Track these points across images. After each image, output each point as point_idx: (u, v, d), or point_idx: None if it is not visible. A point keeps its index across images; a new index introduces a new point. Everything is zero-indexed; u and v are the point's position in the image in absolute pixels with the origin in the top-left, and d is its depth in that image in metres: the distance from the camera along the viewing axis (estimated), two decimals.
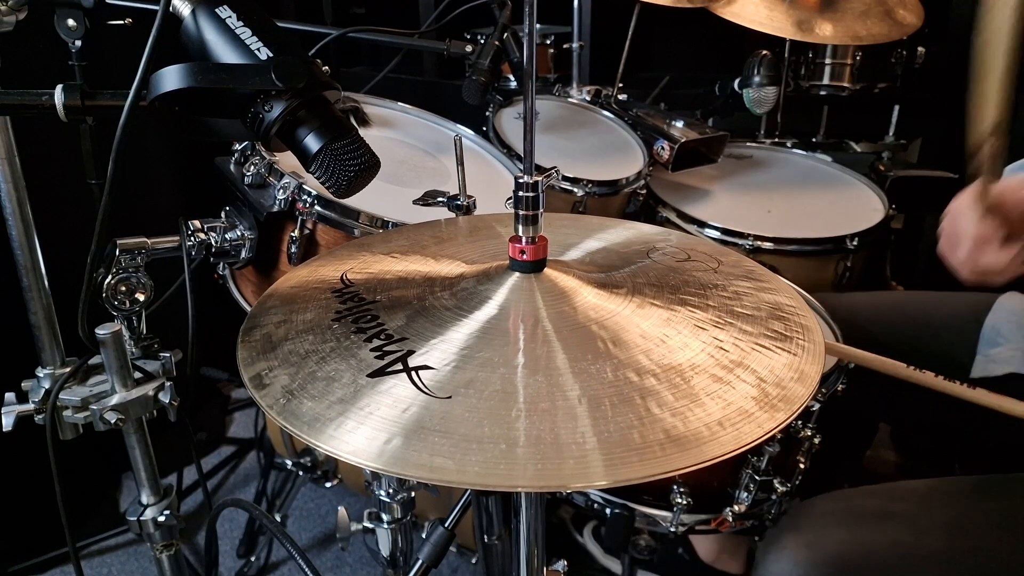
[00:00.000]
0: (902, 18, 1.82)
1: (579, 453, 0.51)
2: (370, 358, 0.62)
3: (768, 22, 1.74)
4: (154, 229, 0.98)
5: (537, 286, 0.71)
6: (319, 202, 1.13)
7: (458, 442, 0.52)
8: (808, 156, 2.01)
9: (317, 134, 0.67)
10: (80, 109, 0.65)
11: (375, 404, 0.56)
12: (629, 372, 0.59)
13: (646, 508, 1.20)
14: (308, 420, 0.56)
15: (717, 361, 0.62)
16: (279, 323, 0.70)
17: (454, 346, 0.63)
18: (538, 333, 0.64)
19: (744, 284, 0.76)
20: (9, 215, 0.88)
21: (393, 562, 1.18)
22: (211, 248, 1.12)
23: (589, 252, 0.84)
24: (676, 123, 1.73)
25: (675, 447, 0.52)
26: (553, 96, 1.93)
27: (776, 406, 0.57)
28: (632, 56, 1.92)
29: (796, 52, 2.10)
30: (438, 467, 0.50)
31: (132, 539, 1.90)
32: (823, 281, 1.65)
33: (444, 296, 0.71)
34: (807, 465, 1.17)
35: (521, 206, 0.70)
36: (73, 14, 1.22)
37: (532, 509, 0.77)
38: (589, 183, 1.54)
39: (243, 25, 0.66)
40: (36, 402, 0.90)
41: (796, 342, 0.66)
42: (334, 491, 1.96)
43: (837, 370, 1.15)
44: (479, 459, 0.51)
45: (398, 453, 0.52)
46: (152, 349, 0.95)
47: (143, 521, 0.97)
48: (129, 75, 0.63)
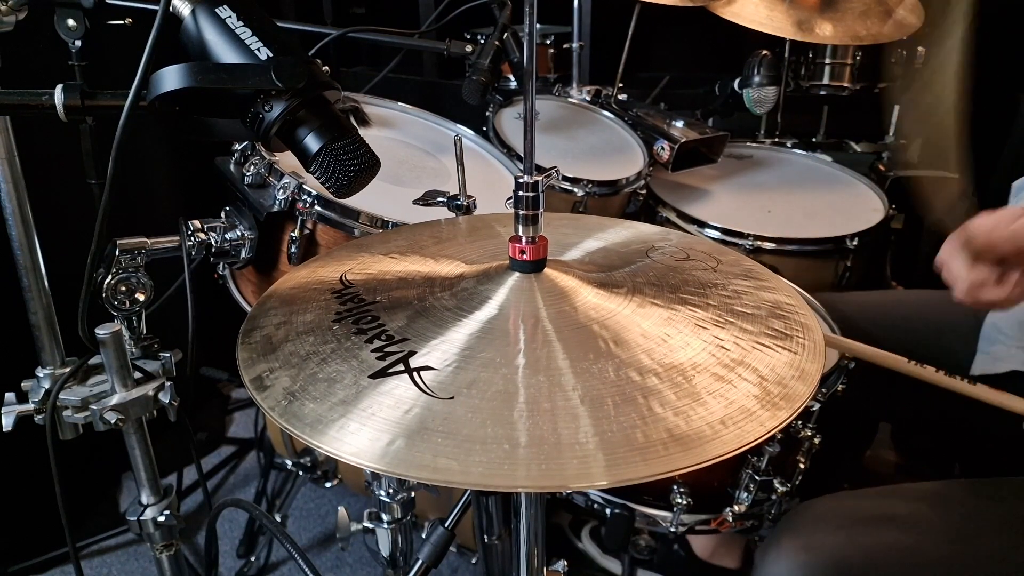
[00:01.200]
0: (902, 18, 1.82)
1: (582, 453, 0.51)
2: (371, 359, 0.62)
3: (768, 22, 1.74)
4: (154, 229, 0.98)
5: (537, 286, 0.71)
6: (319, 202, 1.13)
7: (461, 443, 0.52)
8: (808, 156, 2.01)
9: (317, 134, 0.67)
10: (80, 109, 0.65)
11: (377, 405, 0.56)
12: (631, 371, 0.59)
13: (646, 508, 1.20)
14: (310, 422, 0.55)
15: (718, 360, 0.61)
16: (279, 324, 0.69)
17: (455, 347, 0.63)
18: (539, 333, 0.64)
19: (743, 283, 0.76)
20: (9, 215, 0.88)
21: (393, 562, 1.18)
22: (211, 248, 1.12)
23: (588, 252, 0.84)
24: (676, 123, 1.73)
25: (678, 446, 0.52)
26: (553, 96, 1.93)
27: (778, 404, 0.57)
28: (632, 56, 1.92)
29: (796, 52, 2.09)
30: (442, 468, 0.50)
31: (132, 539, 1.90)
32: (823, 281, 1.65)
33: (444, 296, 0.71)
34: (807, 465, 1.17)
35: (521, 206, 0.70)
36: (73, 14, 1.22)
37: (532, 509, 0.76)
38: (589, 183, 1.54)
39: (243, 25, 0.66)
40: (36, 402, 0.90)
41: (796, 340, 0.66)
42: (334, 491, 1.96)
43: (837, 370, 1.15)
44: (483, 460, 0.51)
45: (402, 454, 0.52)
46: (152, 349, 0.95)
47: (143, 521, 0.97)
48: (129, 75, 0.63)
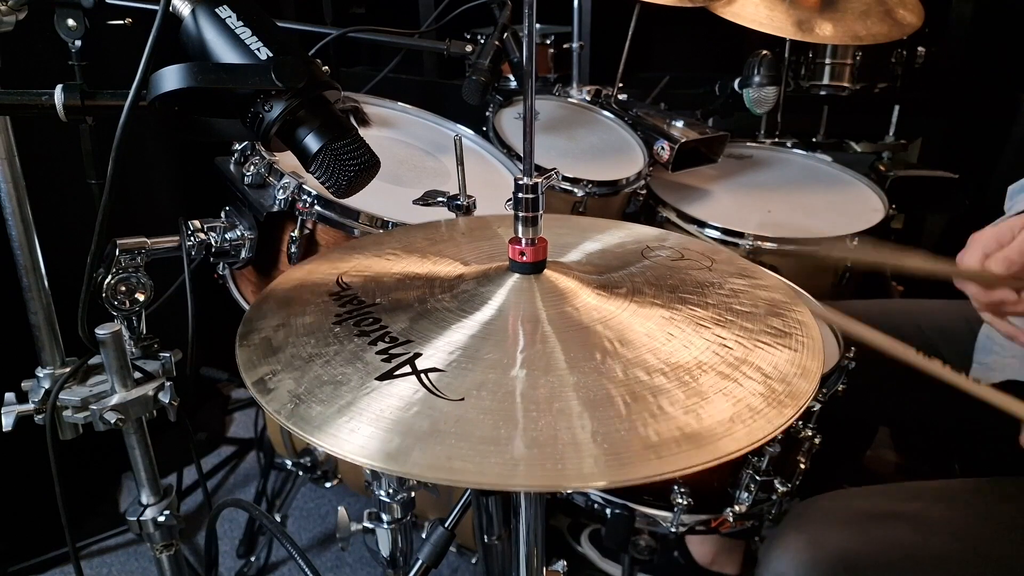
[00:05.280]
0: (902, 18, 1.82)
1: (597, 451, 0.51)
2: (376, 361, 0.61)
3: (768, 22, 1.74)
4: (154, 229, 0.98)
5: (538, 287, 0.70)
6: (319, 202, 1.13)
7: (475, 444, 0.52)
8: (808, 156, 2.01)
9: (317, 134, 0.67)
10: (80, 109, 0.65)
11: (386, 407, 0.56)
12: (638, 371, 0.59)
13: (646, 508, 1.19)
14: (319, 424, 0.55)
15: (722, 359, 0.62)
16: (277, 327, 0.69)
17: (460, 348, 0.63)
18: (544, 334, 0.64)
19: (739, 282, 0.77)
20: (9, 215, 0.88)
21: (393, 562, 1.17)
22: (211, 248, 1.12)
23: (586, 254, 0.84)
24: (676, 123, 1.73)
25: (691, 443, 0.52)
26: (553, 96, 1.93)
27: (783, 402, 0.57)
28: (632, 56, 1.92)
29: (796, 52, 2.09)
30: (458, 469, 0.50)
31: (132, 539, 1.90)
32: (823, 281, 1.65)
33: (445, 298, 0.71)
34: (807, 465, 1.17)
35: (521, 208, 0.70)
36: (73, 14, 1.22)
37: (532, 509, 0.76)
38: (589, 183, 1.53)
39: (243, 25, 0.66)
40: (36, 402, 0.90)
41: (796, 338, 0.66)
42: (334, 491, 1.96)
43: (838, 370, 1.15)
44: (498, 461, 0.51)
45: (416, 456, 0.51)
46: (152, 349, 0.95)
47: (143, 521, 0.97)
48: (129, 75, 0.63)
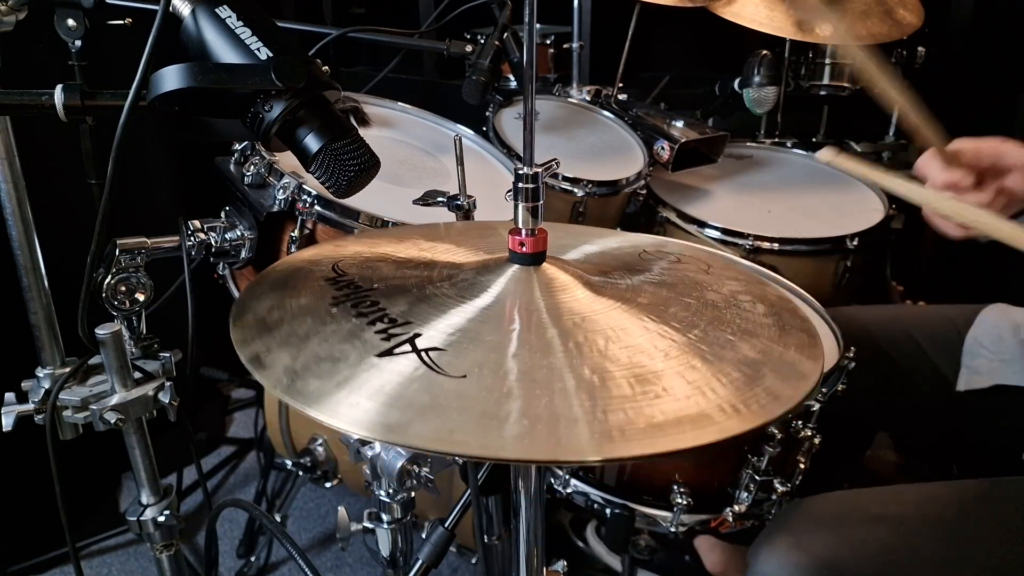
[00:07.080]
0: (902, 18, 1.82)
1: (601, 429, 0.52)
2: (376, 340, 0.61)
3: (768, 22, 1.74)
4: (154, 229, 0.98)
5: (537, 278, 0.71)
6: (319, 202, 1.13)
7: (477, 418, 0.53)
8: (808, 156, 2.01)
9: (317, 134, 0.67)
10: (80, 109, 0.65)
11: (386, 383, 0.56)
12: (642, 357, 0.60)
13: (646, 508, 1.19)
14: (316, 398, 0.55)
15: (723, 351, 0.63)
16: (271, 308, 0.68)
17: (460, 330, 0.63)
18: (543, 320, 0.65)
19: (736, 284, 0.79)
20: (9, 215, 0.88)
21: (393, 562, 1.17)
22: (211, 248, 1.12)
23: (585, 254, 0.84)
24: (676, 123, 1.73)
25: (693, 425, 0.53)
26: (553, 96, 1.93)
27: (784, 393, 0.58)
28: (632, 56, 1.92)
29: (796, 52, 2.09)
30: (460, 442, 0.51)
31: (132, 539, 1.90)
32: (823, 281, 1.65)
33: (444, 286, 0.71)
34: (807, 465, 1.17)
35: (521, 198, 0.70)
36: (73, 14, 1.22)
37: (532, 509, 0.77)
38: (589, 183, 1.53)
39: (243, 25, 0.66)
40: (36, 402, 0.90)
41: (795, 335, 0.67)
42: (334, 491, 1.95)
43: (837, 370, 1.15)
44: (499, 434, 0.51)
45: (417, 428, 0.52)
46: (152, 349, 0.95)
47: (143, 521, 0.97)
48: (129, 75, 0.63)
